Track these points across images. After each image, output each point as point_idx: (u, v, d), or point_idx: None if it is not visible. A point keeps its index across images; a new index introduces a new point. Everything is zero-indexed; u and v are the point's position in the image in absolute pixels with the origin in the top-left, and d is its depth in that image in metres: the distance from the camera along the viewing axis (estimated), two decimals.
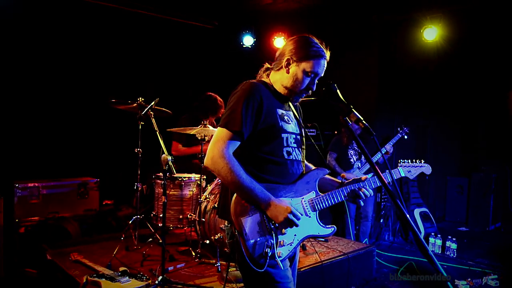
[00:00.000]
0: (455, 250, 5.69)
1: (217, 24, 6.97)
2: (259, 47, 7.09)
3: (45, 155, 5.66)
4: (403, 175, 2.49)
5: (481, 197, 7.32)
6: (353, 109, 1.73)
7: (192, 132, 4.23)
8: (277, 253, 1.95)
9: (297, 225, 1.99)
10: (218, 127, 2.01)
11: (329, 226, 2.17)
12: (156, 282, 3.40)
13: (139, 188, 4.45)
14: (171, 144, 4.92)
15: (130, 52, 6.26)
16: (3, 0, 4.88)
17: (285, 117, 2.14)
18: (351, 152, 5.64)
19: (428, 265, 1.55)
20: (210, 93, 5.05)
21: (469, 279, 4.64)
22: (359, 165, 5.59)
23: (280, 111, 2.12)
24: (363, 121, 1.70)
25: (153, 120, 4.20)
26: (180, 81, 6.73)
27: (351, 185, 2.21)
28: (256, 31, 7.08)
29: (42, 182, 5.27)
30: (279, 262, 1.96)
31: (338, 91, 1.78)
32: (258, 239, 1.94)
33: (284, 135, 2.11)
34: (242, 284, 3.51)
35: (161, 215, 3.82)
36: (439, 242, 5.89)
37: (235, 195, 1.97)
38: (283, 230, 2.00)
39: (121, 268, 3.62)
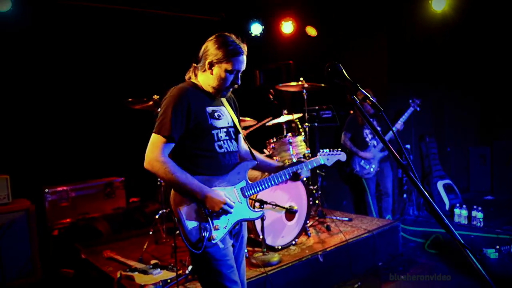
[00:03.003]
0: (481, 219, 5.65)
1: (224, 15, 6.98)
2: (268, 34, 7.08)
3: (71, 159, 5.81)
4: (322, 162, 2.74)
5: (504, 164, 7.20)
6: (359, 87, 1.75)
7: None
8: (213, 236, 2.16)
9: (231, 213, 2.23)
10: (153, 133, 2.20)
11: (258, 210, 2.44)
12: (187, 271, 3.51)
13: (163, 183, 4.55)
14: None
15: (142, 52, 6.33)
16: (21, 7, 5.00)
17: (216, 114, 2.34)
18: (367, 131, 5.62)
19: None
20: None
21: (498, 247, 4.64)
22: (375, 144, 5.58)
23: (210, 109, 2.32)
24: (370, 98, 1.72)
25: None
26: None
27: (278, 172, 2.51)
28: (263, 19, 7.06)
29: (70, 186, 5.43)
30: (219, 242, 2.19)
31: (343, 70, 1.81)
32: (195, 225, 2.16)
33: (215, 131, 2.30)
34: (270, 268, 3.60)
35: None
36: (464, 212, 5.86)
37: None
38: (218, 216, 2.22)
39: (153, 261, 3.74)
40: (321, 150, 2.80)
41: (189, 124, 2.21)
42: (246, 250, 2.61)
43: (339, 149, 2.84)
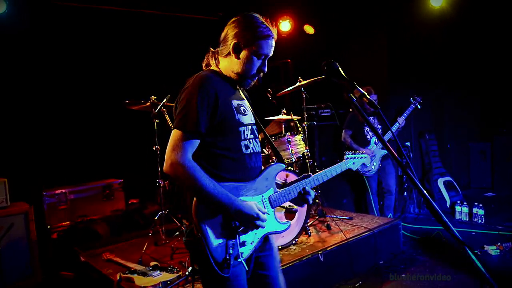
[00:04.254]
0: (482, 216, 5.63)
1: (221, 15, 6.96)
2: None
3: (69, 162, 5.80)
4: (348, 167, 2.45)
5: (505, 160, 7.18)
6: (356, 85, 1.73)
7: None
8: (239, 253, 1.90)
9: (263, 227, 1.96)
10: (173, 129, 1.87)
11: (284, 222, 2.14)
12: (187, 273, 3.49)
13: (161, 185, 4.54)
14: None
15: (140, 53, 6.32)
16: (17, 8, 4.99)
17: (241, 108, 2.04)
18: (367, 128, 5.59)
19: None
20: None
21: (499, 244, 4.62)
22: (376, 141, 5.55)
23: (235, 103, 2.01)
24: (367, 96, 1.69)
25: (167, 117, 4.26)
26: (190, 75, 6.77)
27: (302, 181, 2.16)
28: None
29: (68, 188, 5.42)
30: (244, 262, 1.93)
31: (339, 68, 1.78)
32: (221, 241, 1.86)
33: (242, 128, 2.00)
34: None
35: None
36: (465, 209, 5.84)
37: (195, 197, 1.85)
38: (246, 230, 1.95)
39: (152, 263, 3.73)
40: (347, 153, 2.51)
41: (215, 119, 1.88)
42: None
43: (363, 151, 2.58)
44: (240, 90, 2.15)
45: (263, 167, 2.13)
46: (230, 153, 1.95)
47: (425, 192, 1.57)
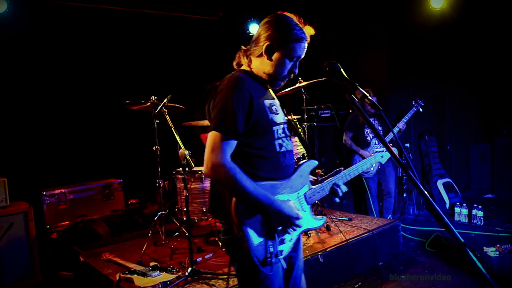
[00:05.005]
0: (482, 218, 5.64)
1: (221, 15, 6.96)
2: None
3: (68, 161, 5.80)
4: (377, 160, 2.50)
5: (505, 161, 7.19)
6: (358, 86, 1.73)
7: (207, 123, 4.30)
8: (280, 251, 1.93)
9: (300, 227, 1.98)
10: (211, 131, 1.87)
11: (319, 218, 2.18)
12: (186, 273, 3.49)
13: (161, 185, 4.53)
14: (200, 140, 5.01)
15: (140, 53, 6.32)
16: (18, 8, 4.99)
17: (273, 108, 2.05)
18: (368, 130, 5.59)
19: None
20: (216, 83, 5.07)
21: (498, 245, 4.62)
22: (376, 142, 5.55)
23: (267, 102, 2.03)
24: (369, 97, 1.69)
25: (167, 117, 4.25)
26: (190, 75, 6.77)
27: (335, 176, 2.20)
28: (261, 18, 7.03)
29: (68, 188, 5.42)
30: (282, 260, 1.96)
31: (341, 69, 1.78)
32: (261, 240, 1.87)
33: (275, 128, 2.02)
34: None
35: (184, 209, 3.90)
36: (465, 211, 5.84)
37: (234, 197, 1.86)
38: (285, 229, 1.97)
39: (152, 263, 3.72)
40: (375, 146, 2.55)
41: (250, 119, 1.89)
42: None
43: (404, 147, 2.65)
44: (270, 90, 2.17)
45: (296, 165, 2.16)
46: (264, 152, 1.97)
47: (426, 193, 1.56)
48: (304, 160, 2.19)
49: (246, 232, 1.83)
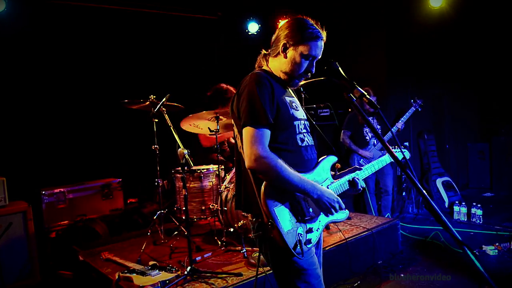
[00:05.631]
0: (481, 216, 5.64)
1: (220, 14, 6.96)
2: (265, 33, 7.05)
3: (67, 161, 5.79)
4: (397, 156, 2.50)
5: (504, 160, 7.20)
6: (356, 85, 1.73)
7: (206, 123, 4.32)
8: (308, 239, 1.98)
9: (337, 211, 2.05)
10: (245, 128, 1.93)
11: (344, 210, 2.20)
12: (185, 272, 3.48)
13: (160, 184, 4.53)
14: (198, 140, 5.01)
15: (139, 52, 6.32)
16: (16, 7, 4.99)
17: (293, 104, 2.12)
18: (367, 129, 5.60)
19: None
20: (221, 84, 5.06)
21: (497, 244, 4.62)
22: (375, 142, 5.55)
23: (288, 99, 2.10)
24: (367, 96, 1.70)
25: (166, 116, 4.24)
26: (190, 75, 6.77)
27: (355, 172, 2.31)
28: (260, 17, 7.04)
29: (67, 187, 5.40)
30: (311, 248, 2.02)
31: (339, 68, 1.79)
32: (290, 227, 1.92)
33: (296, 123, 2.09)
34: (269, 268, 3.57)
35: (183, 208, 3.90)
36: (464, 209, 5.85)
37: (263, 185, 1.91)
38: (312, 217, 2.03)
39: (151, 262, 3.71)
40: (391, 147, 2.61)
41: (273, 112, 1.97)
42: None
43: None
44: (289, 89, 2.23)
45: (319, 159, 2.23)
46: (288, 146, 2.04)
47: (424, 192, 1.57)
48: (325, 156, 2.26)
49: (276, 219, 1.88)
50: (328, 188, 2.14)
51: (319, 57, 2.11)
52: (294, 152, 2.05)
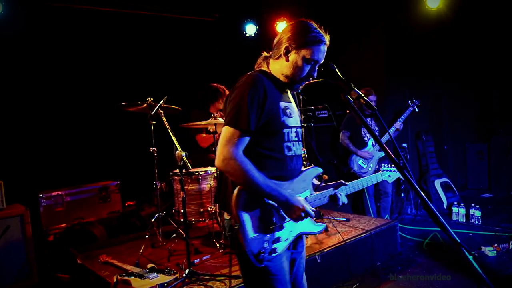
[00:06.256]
0: (479, 217, 5.64)
1: (217, 16, 6.96)
2: (263, 35, 7.06)
3: (65, 164, 5.78)
4: (383, 179, 2.52)
5: (502, 161, 7.19)
6: (353, 86, 1.73)
7: (203, 124, 4.32)
8: (274, 248, 1.96)
9: (302, 219, 2.01)
10: (225, 126, 1.94)
11: (319, 224, 2.24)
12: (184, 275, 3.47)
13: (158, 186, 4.52)
14: (196, 141, 5.01)
15: (136, 54, 6.31)
16: (13, 9, 4.98)
17: (287, 111, 2.08)
18: (365, 130, 5.59)
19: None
20: (211, 84, 5.11)
21: (496, 245, 4.62)
22: (373, 142, 5.55)
23: (282, 105, 2.06)
24: (364, 98, 1.69)
25: (164, 118, 4.24)
26: (187, 77, 6.76)
27: (339, 188, 2.29)
28: (258, 19, 7.04)
29: (64, 190, 5.39)
30: (281, 255, 2.00)
31: (336, 69, 1.78)
32: (257, 234, 1.92)
33: (286, 130, 2.06)
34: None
35: (182, 211, 3.89)
36: (462, 210, 5.84)
37: (236, 188, 1.92)
38: (282, 226, 2.01)
39: (149, 265, 3.71)
40: (383, 165, 2.55)
41: (262, 118, 1.95)
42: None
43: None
44: (288, 93, 2.19)
45: (301, 169, 2.20)
46: (273, 153, 2.02)
47: (422, 193, 1.57)
48: (309, 166, 2.24)
49: (243, 224, 1.88)
50: (306, 199, 2.12)
51: (322, 61, 2.06)
52: (278, 160, 2.04)
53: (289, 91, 2.20)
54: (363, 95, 1.70)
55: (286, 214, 1.98)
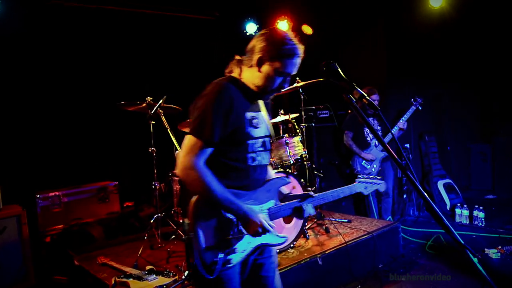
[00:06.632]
0: (483, 219, 5.58)
1: (218, 15, 6.91)
2: None
3: (63, 164, 5.72)
4: (358, 191, 2.47)
5: (506, 161, 7.12)
6: (355, 86, 1.68)
7: None
8: (228, 259, 1.93)
9: (259, 234, 2.00)
10: (189, 135, 1.91)
11: (282, 235, 2.15)
12: (183, 277, 3.43)
13: (157, 187, 4.48)
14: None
15: (135, 53, 6.26)
16: (12, 8, 4.94)
17: (254, 121, 2.06)
18: (367, 130, 5.54)
19: None
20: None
21: (500, 247, 4.57)
22: (376, 143, 5.49)
23: (249, 115, 2.04)
24: (367, 97, 1.65)
25: (163, 118, 4.20)
26: (187, 76, 6.71)
27: (306, 200, 2.21)
28: (258, 18, 6.99)
29: (62, 191, 5.33)
30: (234, 266, 1.97)
31: (339, 69, 1.73)
32: (212, 244, 1.89)
33: (250, 142, 2.03)
34: None
35: (181, 212, 3.84)
36: (466, 212, 5.78)
37: (195, 197, 1.90)
38: (240, 238, 1.98)
39: (148, 267, 3.68)
40: (359, 177, 2.53)
41: (227, 129, 1.92)
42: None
43: (379, 177, 2.57)
44: (259, 102, 2.17)
45: (267, 179, 2.18)
46: (236, 163, 2.01)
47: (425, 194, 1.56)
48: (275, 176, 2.21)
49: (198, 233, 1.86)
50: (269, 210, 2.10)
51: (294, 73, 2.05)
52: (241, 170, 2.02)
53: (258, 101, 2.16)
54: (365, 94, 1.65)
55: (244, 228, 1.97)
